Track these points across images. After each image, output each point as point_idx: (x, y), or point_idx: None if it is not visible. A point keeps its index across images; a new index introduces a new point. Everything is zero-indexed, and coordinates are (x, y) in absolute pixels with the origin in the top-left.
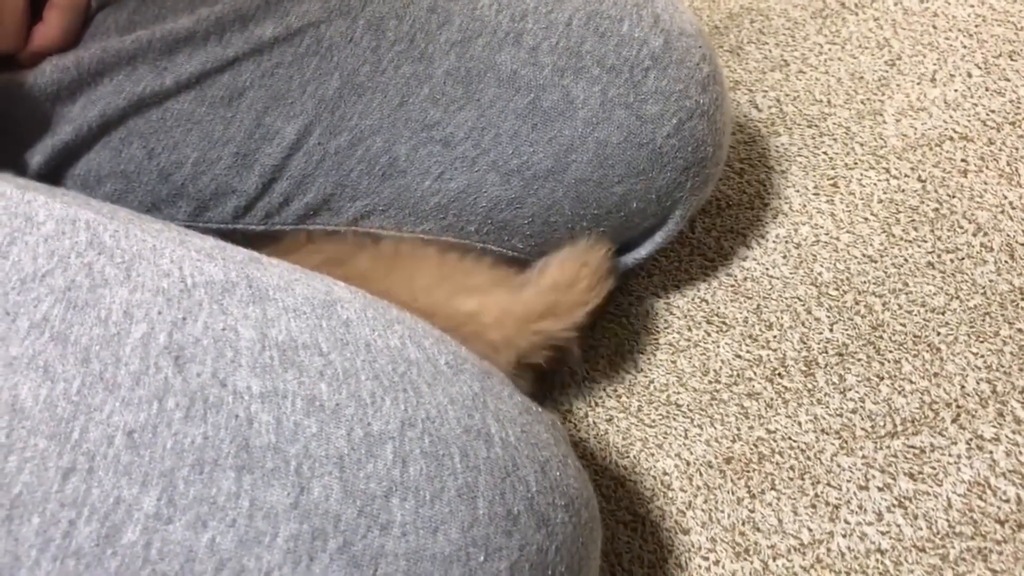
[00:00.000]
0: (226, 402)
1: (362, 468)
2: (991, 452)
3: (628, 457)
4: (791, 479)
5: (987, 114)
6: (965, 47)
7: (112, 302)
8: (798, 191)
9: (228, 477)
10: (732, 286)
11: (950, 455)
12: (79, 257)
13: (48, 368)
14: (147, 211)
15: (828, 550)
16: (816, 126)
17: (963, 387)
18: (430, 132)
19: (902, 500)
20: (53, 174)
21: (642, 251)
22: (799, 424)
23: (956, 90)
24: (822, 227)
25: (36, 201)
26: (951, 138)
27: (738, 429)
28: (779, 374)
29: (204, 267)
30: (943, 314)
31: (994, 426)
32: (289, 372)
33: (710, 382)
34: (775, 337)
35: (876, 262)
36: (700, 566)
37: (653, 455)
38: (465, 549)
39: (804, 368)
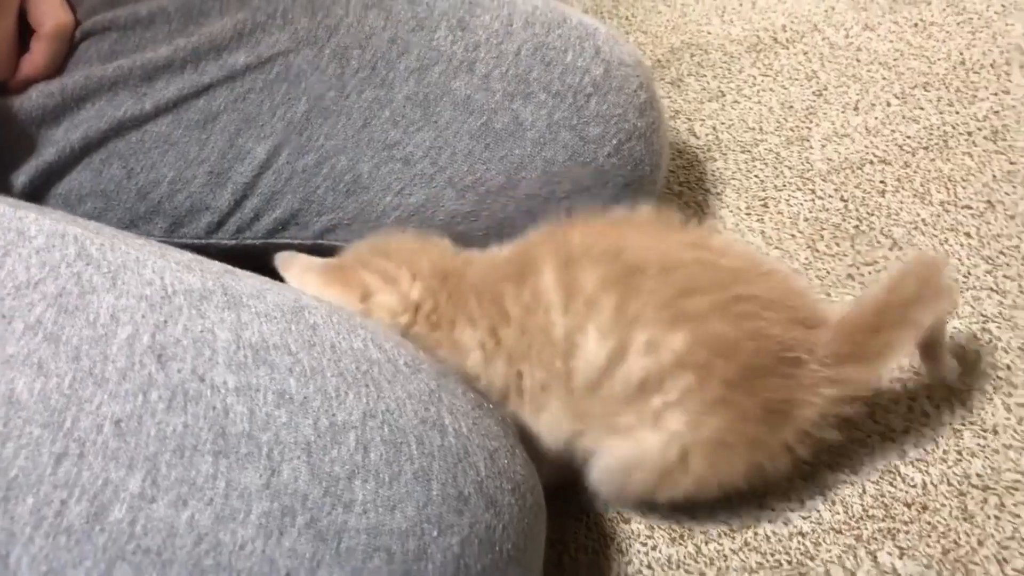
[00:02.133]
0: (204, 395)
1: (327, 453)
2: (901, 443)
3: None
4: None
5: (904, 140)
6: (884, 79)
7: (100, 307)
8: (732, 211)
9: (206, 461)
10: None
11: (865, 447)
12: (68, 267)
13: (42, 365)
14: (125, 228)
15: (755, 534)
16: (749, 151)
17: (878, 387)
18: (391, 151)
19: (822, 488)
20: (37, 193)
21: None
22: None
23: (876, 118)
24: (753, 244)
25: (28, 218)
26: (871, 161)
27: None
28: None
29: (183, 277)
30: None
31: (904, 420)
32: (261, 369)
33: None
34: None
35: (801, 275)
36: (640, 551)
37: None
38: (420, 525)
39: None
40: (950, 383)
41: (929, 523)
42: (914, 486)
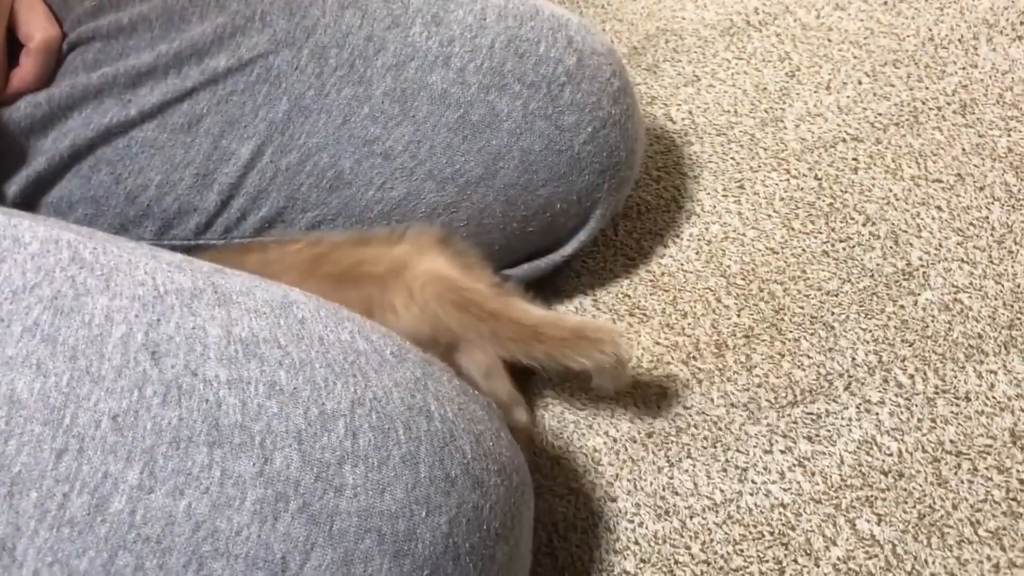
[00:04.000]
0: (197, 389)
1: (318, 440)
2: (877, 414)
3: (562, 438)
4: (705, 448)
5: (875, 117)
6: (855, 57)
7: (94, 308)
8: (709, 194)
9: (201, 451)
10: (651, 281)
11: (842, 419)
12: (63, 271)
13: (40, 365)
14: (116, 232)
15: (738, 507)
16: (724, 134)
17: (854, 359)
18: (371, 147)
19: (801, 460)
20: (28, 202)
21: (568, 248)
22: (711, 400)
23: (848, 96)
24: (730, 225)
25: (22, 225)
26: (844, 140)
27: (658, 407)
28: (693, 357)
29: (174, 276)
30: (836, 296)
31: (880, 391)
32: (252, 363)
33: (633, 368)
34: (689, 324)
35: (778, 253)
36: (627, 528)
37: (584, 434)
38: (409, 507)
39: (715, 351)
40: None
41: (905, 489)
42: (890, 455)
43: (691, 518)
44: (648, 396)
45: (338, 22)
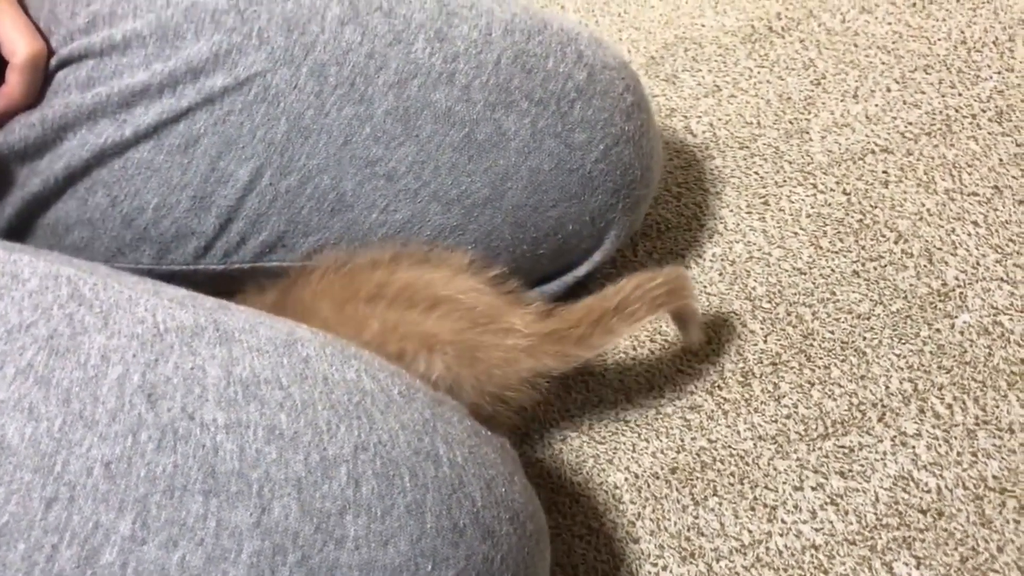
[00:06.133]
0: (194, 433)
1: (318, 489)
2: (913, 447)
3: (581, 473)
4: (731, 484)
5: (905, 126)
6: (884, 63)
7: (91, 348)
8: (732, 211)
9: (196, 501)
10: None
11: (877, 452)
12: (61, 308)
13: (32, 409)
14: (112, 256)
15: (767, 549)
16: (747, 147)
17: (887, 387)
18: (374, 168)
19: (834, 497)
20: (24, 225)
21: (581, 270)
22: (738, 432)
23: (876, 105)
24: (755, 244)
25: (21, 260)
26: (873, 151)
27: (682, 440)
28: (718, 386)
29: (175, 313)
30: (868, 320)
31: (916, 422)
32: (252, 405)
33: (655, 397)
34: (713, 351)
35: (805, 274)
36: (650, 572)
37: (604, 470)
38: (414, 560)
39: (741, 379)
40: (692, 345)
41: (946, 530)
42: (928, 491)
43: (717, 561)
44: (671, 428)
45: (338, 39)
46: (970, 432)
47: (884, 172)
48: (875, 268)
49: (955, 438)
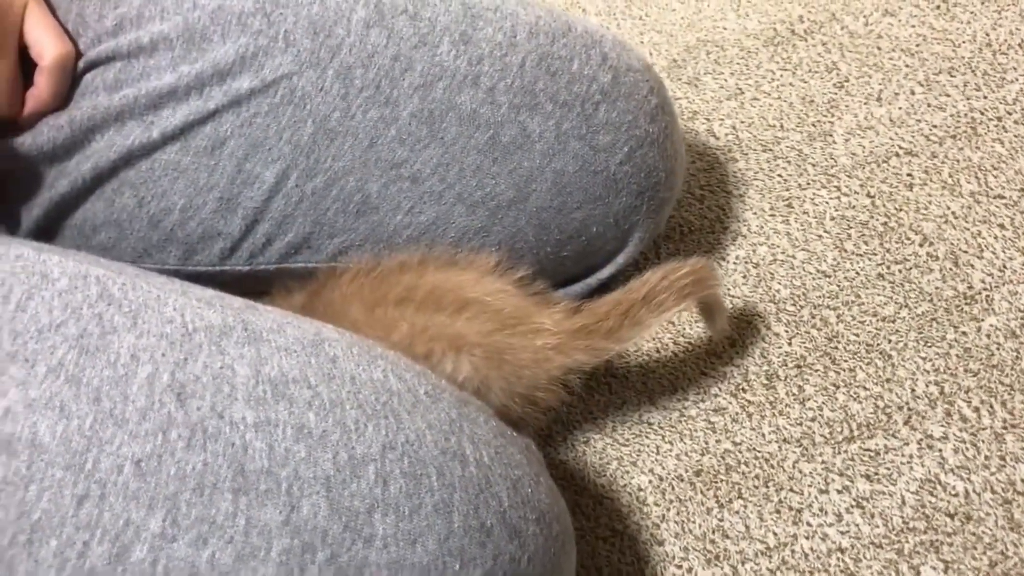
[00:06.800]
0: (223, 432)
1: (347, 487)
2: (940, 450)
3: (605, 476)
4: (756, 487)
5: (930, 129)
6: (908, 66)
7: (120, 347)
8: (755, 213)
9: (226, 499)
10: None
11: (903, 455)
12: (90, 308)
13: (64, 407)
14: (139, 257)
15: (792, 552)
16: (770, 150)
17: (913, 390)
18: (399, 170)
19: (860, 500)
20: (51, 226)
21: (605, 272)
22: (763, 435)
23: (900, 108)
24: (778, 246)
25: (51, 260)
26: (897, 154)
27: (706, 443)
28: (742, 388)
29: (204, 313)
30: (893, 322)
31: (943, 425)
32: (280, 404)
33: (678, 400)
34: (737, 353)
35: (830, 277)
36: (675, 574)
37: (628, 472)
38: (442, 559)
39: (765, 381)
40: (719, 335)
41: (974, 534)
42: (956, 495)
43: (743, 563)
44: (695, 431)
45: (363, 41)
46: (998, 435)
47: (909, 175)
48: (900, 271)
49: (983, 441)
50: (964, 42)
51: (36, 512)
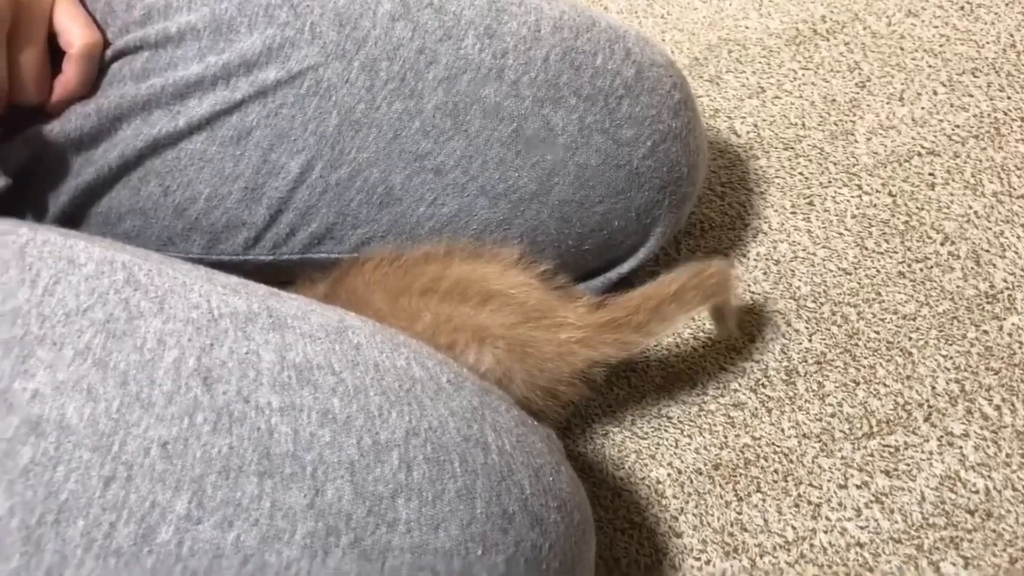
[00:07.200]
0: (249, 416)
1: (371, 472)
2: (960, 447)
3: (623, 468)
4: (775, 481)
5: (952, 129)
6: (930, 66)
7: (147, 331)
8: (776, 211)
9: (251, 482)
10: None
11: (923, 452)
12: (117, 293)
13: (91, 390)
14: (163, 245)
15: (811, 546)
16: (792, 148)
17: (934, 388)
18: (422, 162)
19: (879, 496)
20: (77, 213)
21: (625, 266)
22: (782, 430)
23: (923, 107)
24: (799, 244)
25: (77, 246)
26: (919, 154)
27: (725, 437)
28: (762, 384)
29: (229, 300)
30: (914, 320)
31: (963, 423)
32: (305, 389)
33: (698, 394)
34: (758, 350)
35: (850, 274)
36: (692, 566)
37: (647, 465)
38: (464, 544)
39: (785, 377)
40: (727, 338)
41: (994, 531)
42: (976, 492)
43: (761, 556)
44: (714, 425)
45: (389, 34)
46: (1019, 434)
47: (931, 174)
48: (921, 269)
49: (1004, 439)
50: (988, 43)
51: (63, 493)
